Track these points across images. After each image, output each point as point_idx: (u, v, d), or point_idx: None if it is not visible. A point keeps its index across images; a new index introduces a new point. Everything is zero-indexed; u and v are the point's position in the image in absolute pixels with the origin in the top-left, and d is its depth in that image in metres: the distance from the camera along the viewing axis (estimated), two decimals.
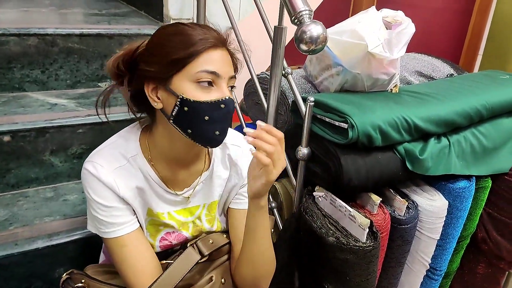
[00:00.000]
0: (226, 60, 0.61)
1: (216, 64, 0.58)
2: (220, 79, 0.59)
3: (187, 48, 0.57)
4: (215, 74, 0.58)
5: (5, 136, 0.92)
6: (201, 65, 0.58)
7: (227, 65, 0.61)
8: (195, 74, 0.57)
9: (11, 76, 1.06)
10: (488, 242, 1.01)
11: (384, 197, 0.86)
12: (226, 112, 0.59)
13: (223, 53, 0.61)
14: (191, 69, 0.58)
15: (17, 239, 0.83)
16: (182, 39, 0.58)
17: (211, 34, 0.60)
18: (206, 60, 0.58)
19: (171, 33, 0.60)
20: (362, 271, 0.76)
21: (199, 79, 0.57)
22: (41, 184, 1.00)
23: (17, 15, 1.22)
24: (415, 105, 0.88)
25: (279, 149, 0.57)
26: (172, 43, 0.58)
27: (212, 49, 0.58)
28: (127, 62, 0.62)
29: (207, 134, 0.60)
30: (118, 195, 0.62)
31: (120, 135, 0.68)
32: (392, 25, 0.88)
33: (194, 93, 0.58)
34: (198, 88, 0.58)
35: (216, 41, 0.59)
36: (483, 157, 0.95)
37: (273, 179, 0.57)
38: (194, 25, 0.61)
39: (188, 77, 0.58)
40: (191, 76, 0.58)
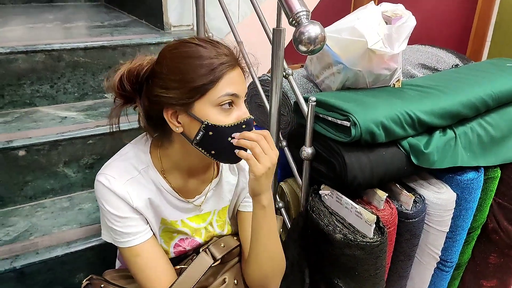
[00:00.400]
0: (242, 77, 0.62)
1: (235, 86, 0.60)
2: (239, 99, 0.61)
3: (208, 73, 0.58)
4: (235, 95, 0.60)
5: (20, 150, 0.96)
6: (222, 89, 0.58)
7: (243, 83, 0.62)
8: (217, 99, 0.58)
9: (22, 92, 1.10)
10: (499, 232, 1.00)
11: (390, 192, 0.86)
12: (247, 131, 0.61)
13: (239, 72, 0.62)
14: (213, 94, 0.58)
15: (37, 248, 0.86)
16: (202, 64, 0.58)
17: (226, 53, 0.60)
18: (226, 83, 0.59)
19: (186, 55, 0.59)
20: (371, 266, 0.77)
21: (221, 103, 0.59)
22: (57, 195, 1.04)
23: (24, 32, 1.25)
24: (418, 99, 0.88)
25: (263, 144, 0.59)
26: (191, 68, 0.58)
27: (230, 71, 0.60)
28: (133, 83, 0.63)
29: (230, 154, 0.62)
30: (131, 206, 0.64)
31: (131, 147, 0.69)
32: (392, 20, 0.88)
33: (218, 117, 0.59)
34: (221, 112, 0.59)
35: (231, 60, 0.60)
36: (491, 147, 0.94)
37: (258, 173, 0.59)
38: (206, 42, 0.60)
39: (210, 102, 0.59)
40: (213, 101, 0.59)
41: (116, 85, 0.63)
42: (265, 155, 0.59)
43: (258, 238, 0.66)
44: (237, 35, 1.08)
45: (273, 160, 0.60)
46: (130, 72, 0.62)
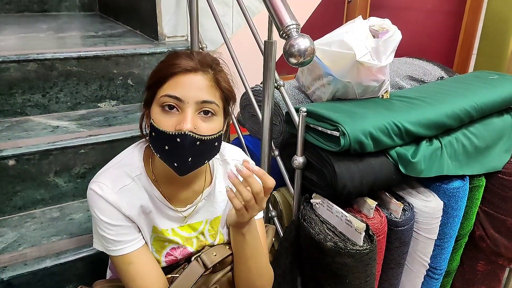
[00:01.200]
0: (198, 84, 0.60)
1: (181, 89, 0.59)
2: (184, 104, 0.59)
3: (157, 73, 0.62)
4: (177, 99, 0.59)
5: (10, 160, 0.95)
6: (165, 90, 0.60)
7: (198, 90, 0.60)
8: (159, 98, 0.60)
9: (13, 101, 1.10)
10: (486, 239, 1.03)
11: (380, 200, 0.88)
12: (181, 146, 0.59)
13: (198, 78, 0.60)
14: (158, 94, 0.61)
15: (26, 259, 0.85)
16: (159, 66, 0.63)
17: (192, 59, 0.61)
18: (172, 85, 0.60)
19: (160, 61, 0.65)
20: (361, 274, 0.78)
21: (163, 103, 0.60)
22: (47, 205, 1.03)
23: (16, 41, 1.25)
24: (405, 110, 0.90)
25: (260, 197, 0.57)
26: (153, 71, 0.63)
27: (181, 74, 0.59)
28: None
29: (168, 163, 0.62)
30: (124, 214, 0.65)
31: (125, 155, 0.70)
32: (379, 33, 0.91)
33: (158, 117, 0.60)
34: (162, 113, 0.60)
35: (189, 65, 0.60)
36: (476, 157, 0.97)
37: (244, 221, 0.60)
38: (184, 52, 0.64)
39: (156, 101, 0.61)
40: (157, 101, 0.61)
41: None
42: (254, 207, 0.58)
43: (242, 260, 0.67)
44: (230, 47, 1.10)
45: (261, 209, 0.59)
46: None
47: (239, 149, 0.79)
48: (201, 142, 0.60)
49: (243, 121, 1.17)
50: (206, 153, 0.63)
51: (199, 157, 0.62)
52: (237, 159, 0.76)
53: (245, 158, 0.78)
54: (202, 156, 0.63)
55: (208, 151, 0.63)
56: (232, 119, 1.17)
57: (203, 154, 0.62)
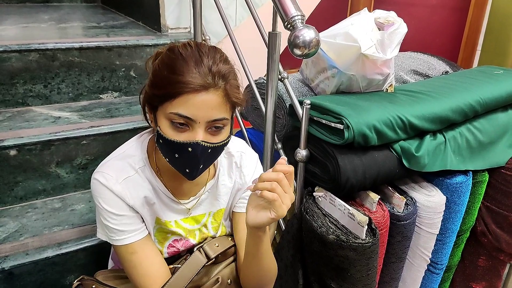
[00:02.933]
0: (210, 103, 0.57)
1: (192, 109, 0.56)
2: (195, 123, 0.58)
3: (167, 87, 0.57)
4: (188, 118, 0.57)
5: (11, 150, 0.94)
6: (175, 107, 0.57)
7: (210, 109, 0.57)
8: (168, 114, 0.58)
9: (15, 91, 1.09)
10: (488, 235, 1.03)
11: (382, 194, 0.88)
12: (192, 155, 0.58)
13: (209, 97, 0.57)
14: (167, 108, 0.58)
15: (27, 249, 0.85)
16: (167, 77, 0.57)
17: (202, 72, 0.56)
18: (182, 103, 0.56)
19: (164, 62, 0.59)
20: (363, 267, 0.77)
21: (172, 119, 0.58)
22: (48, 196, 1.03)
23: (18, 32, 1.24)
24: (410, 103, 0.90)
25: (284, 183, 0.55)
26: (160, 77, 0.59)
27: (192, 93, 0.56)
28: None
29: (178, 169, 0.62)
30: (127, 204, 0.65)
31: (128, 146, 0.70)
32: (385, 26, 0.90)
33: (167, 130, 0.59)
34: (172, 127, 0.58)
35: (204, 83, 0.56)
36: (479, 152, 0.96)
37: (283, 214, 0.55)
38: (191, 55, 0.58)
39: (164, 114, 0.59)
40: (166, 114, 0.58)
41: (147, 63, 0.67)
42: (286, 194, 0.55)
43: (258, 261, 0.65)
44: (234, 39, 1.09)
45: (292, 197, 0.57)
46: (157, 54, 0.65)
47: (243, 141, 0.78)
48: (212, 149, 0.60)
49: (246, 114, 1.17)
50: (216, 156, 0.64)
51: (210, 161, 0.63)
52: (241, 150, 0.75)
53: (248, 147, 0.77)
54: (212, 159, 0.63)
55: (218, 154, 0.64)
56: (235, 113, 1.17)
57: (213, 158, 0.63)
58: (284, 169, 0.56)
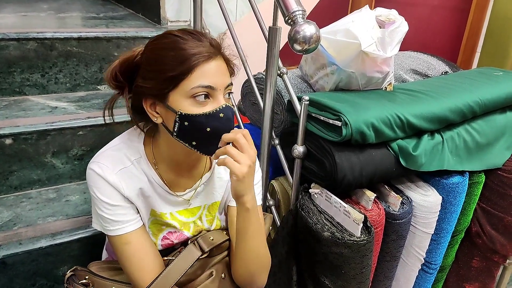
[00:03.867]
0: (221, 69, 0.60)
1: (211, 78, 0.58)
2: (216, 91, 0.59)
3: (180, 64, 0.57)
4: (210, 87, 0.58)
5: (7, 139, 0.94)
6: (195, 80, 0.58)
7: (223, 75, 0.60)
8: (190, 90, 0.58)
9: (12, 80, 1.08)
10: (482, 236, 1.03)
11: (379, 193, 0.88)
12: (225, 120, 0.60)
13: (218, 63, 0.60)
14: (186, 86, 0.58)
15: (21, 238, 0.85)
16: (175, 55, 0.58)
17: (205, 44, 0.59)
18: (200, 75, 0.58)
19: (164, 47, 0.60)
20: (357, 265, 0.77)
21: (195, 94, 0.58)
22: (43, 186, 1.02)
23: (16, 20, 1.23)
24: (409, 102, 0.89)
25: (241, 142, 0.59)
26: (166, 59, 0.58)
27: (205, 62, 0.58)
28: (125, 73, 0.63)
29: (211, 145, 0.61)
30: (122, 194, 0.64)
31: (124, 137, 0.69)
32: (386, 24, 0.90)
33: (191, 108, 0.58)
34: (195, 103, 0.59)
35: (210, 52, 0.59)
36: (477, 153, 0.97)
37: (241, 174, 0.58)
38: (187, 34, 0.60)
39: (184, 93, 0.58)
40: (186, 93, 0.58)
41: (109, 75, 0.63)
42: (243, 154, 0.58)
43: (245, 239, 0.66)
44: (234, 34, 1.09)
45: (253, 158, 0.59)
46: (123, 62, 0.63)
47: None
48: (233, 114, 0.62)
49: (243, 109, 1.16)
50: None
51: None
52: None
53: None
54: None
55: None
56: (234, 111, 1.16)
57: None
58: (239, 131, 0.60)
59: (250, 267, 0.68)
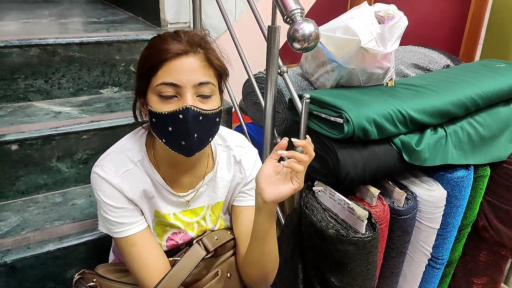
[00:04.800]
0: (192, 67, 0.59)
1: (176, 75, 0.58)
2: (181, 89, 0.58)
3: (149, 61, 0.59)
4: (174, 85, 0.58)
5: (13, 145, 0.95)
6: (160, 77, 0.58)
7: (193, 73, 0.59)
8: (155, 87, 0.59)
9: (16, 86, 1.10)
10: (489, 229, 1.02)
11: (383, 189, 0.87)
12: (184, 122, 0.58)
13: (189, 60, 0.59)
14: (153, 82, 0.59)
15: (29, 243, 0.86)
16: (148, 53, 0.61)
17: (181, 41, 0.59)
18: (165, 72, 0.58)
19: (146, 47, 0.63)
20: (362, 262, 0.77)
21: (160, 92, 0.59)
22: (49, 190, 1.03)
23: (18, 27, 1.25)
24: (410, 97, 0.89)
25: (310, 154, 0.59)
26: (142, 58, 0.62)
27: (173, 59, 0.58)
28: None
29: (175, 144, 0.61)
30: (126, 197, 0.65)
31: (127, 140, 0.70)
32: (385, 19, 0.89)
33: (157, 105, 0.59)
34: (161, 100, 0.59)
35: (182, 49, 0.58)
36: (481, 146, 0.96)
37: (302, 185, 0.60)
38: (170, 34, 0.61)
39: (152, 90, 0.60)
40: (153, 89, 0.59)
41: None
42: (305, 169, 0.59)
43: (265, 242, 0.65)
44: (233, 33, 1.09)
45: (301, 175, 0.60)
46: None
47: (242, 136, 0.78)
48: (204, 116, 0.60)
49: (245, 109, 1.16)
50: (210, 129, 0.63)
51: (204, 133, 0.62)
52: (240, 145, 0.75)
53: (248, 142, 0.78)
54: (206, 131, 0.62)
55: (211, 126, 0.63)
56: (234, 107, 1.17)
57: (207, 130, 0.62)
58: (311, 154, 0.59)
59: (265, 269, 0.69)
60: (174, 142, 0.61)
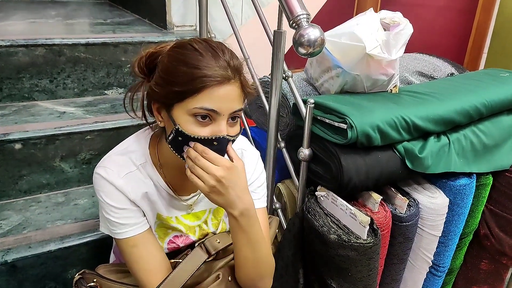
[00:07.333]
0: (232, 95, 0.58)
1: (216, 102, 0.57)
2: (219, 116, 0.58)
3: (189, 83, 0.56)
4: (214, 111, 0.57)
5: (16, 144, 0.95)
6: (200, 101, 0.57)
7: (232, 101, 0.58)
8: (192, 109, 0.57)
9: (21, 86, 1.10)
10: (491, 238, 1.02)
11: (385, 195, 0.87)
12: (217, 150, 0.59)
13: (230, 88, 0.58)
14: (190, 104, 0.57)
15: (30, 242, 0.86)
16: (187, 72, 0.57)
17: (221, 65, 0.57)
18: (207, 97, 0.57)
19: (180, 59, 0.58)
20: (363, 267, 0.77)
21: (196, 115, 0.57)
22: (52, 190, 1.03)
23: (25, 27, 1.26)
24: (414, 104, 0.89)
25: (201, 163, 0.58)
26: (178, 74, 0.57)
27: (216, 86, 0.57)
28: (147, 66, 0.64)
29: None
30: (128, 198, 0.65)
31: (131, 142, 0.70)
32: (390, 26, 0.90)
33: (190, 127, 0.58)
34: (195, 123, 0.58)
35: (224, 76, 0.57)
36: (484, 155, 0.96)
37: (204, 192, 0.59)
38: (207, 49, 0.58)
39: (186, 110, 0.58)
40: (188, 110, 0.57)
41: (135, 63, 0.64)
42: (207, 174, 0.57)
43: (238, 247, 0.65)
44: (239, 37, 1.10)
45: (217, 177, 0.57)
46: (150, 55, 0.64)
47: (245, 138, 0.78)
48: (232, 142, 0.61)
49: (249, 113, 1.17)
50: None
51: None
52: (242, 148, 0.75)
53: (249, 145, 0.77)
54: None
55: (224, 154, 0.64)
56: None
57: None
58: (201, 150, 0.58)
59: (250, 274, 0.68)
60: None
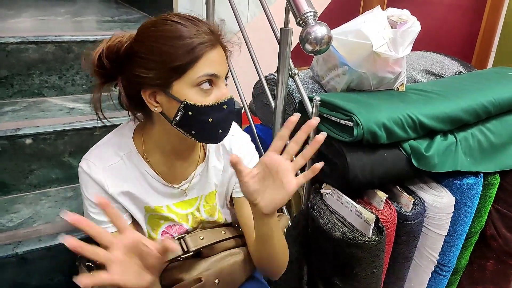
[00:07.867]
0: (222, 57, 0.60)
1: (215, 66, 0.59)
2: (219, 79, 0.60)
3: (187, 54, 0.56)
4: (215, 76, 0.59)
5: (27, 139, 0.97)
6: (201, 69, 0.57)
7: (224, 62, 0.61)
8: (196, 78, 0.57)
9: (31, 82, 1.12)
10: (497, 238, 1.01)
11: (391, 193, 0.87)
12: (228, 112, 0.61)
13: (219, 51, 0.60)
14: (192, 75, 0.57)
15: (40, 235, 0.88)
16: (180, 44, 0.56)
17: (204, 31, 0.58)
18: (206, 63, 0.58)
19: (165, 35, 0.57)
20: (368, 265, 0.77)
21: (200, 83, 0.58)
22: (61, 184, 1.05)
23: (35, 24, 1.27)
24: (421, 102, 0.89)
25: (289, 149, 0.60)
26: (170, 48, 0.56)
27: (210, 50, 0.58)
28: (112, 61, 0.60)
29: (211, 134, 0.62)
30: (107, 192, 0.64)
31: (115, 133, 0.69)
32: (398, 24, 0.89)
33: (197, 98, 0.58)
34: (200, 92, 0.58)
35: (211, 40, 0.58)
36: (491, 154, 0.95)
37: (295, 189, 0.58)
38: (185, 20, 0.58)
39: (189, 82, 0.58)
40: (192, 82, 0.57)
41: (95, 63, 0.60)
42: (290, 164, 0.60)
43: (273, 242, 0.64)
44: (245, 35, 1.10)
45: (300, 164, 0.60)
46: (110, 49, 0.60)
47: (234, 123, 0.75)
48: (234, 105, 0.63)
49: (255, 110, 1.17)
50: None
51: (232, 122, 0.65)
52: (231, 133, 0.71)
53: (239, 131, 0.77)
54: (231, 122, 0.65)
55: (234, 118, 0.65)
56: (244, 108, 1.17)
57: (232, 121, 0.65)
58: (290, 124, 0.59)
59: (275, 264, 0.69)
60: (210, 132, 0.61)
